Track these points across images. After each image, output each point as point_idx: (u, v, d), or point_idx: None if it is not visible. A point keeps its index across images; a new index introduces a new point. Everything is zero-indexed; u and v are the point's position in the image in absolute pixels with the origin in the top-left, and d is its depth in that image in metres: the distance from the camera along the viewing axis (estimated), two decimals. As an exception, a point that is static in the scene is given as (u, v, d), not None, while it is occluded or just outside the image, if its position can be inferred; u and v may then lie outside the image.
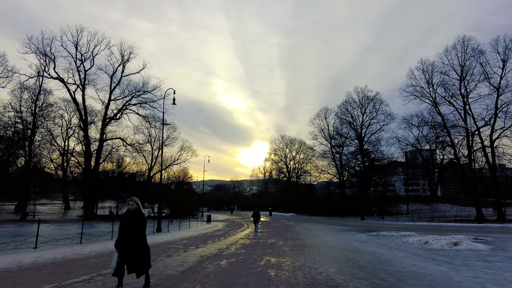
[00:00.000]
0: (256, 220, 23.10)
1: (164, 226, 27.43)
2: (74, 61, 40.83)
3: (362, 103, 64.12)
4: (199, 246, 13.51)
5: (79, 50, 40.55)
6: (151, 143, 63.11)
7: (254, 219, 23.20)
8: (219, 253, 10.98)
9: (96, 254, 10.43)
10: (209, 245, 14.14)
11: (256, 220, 23.09)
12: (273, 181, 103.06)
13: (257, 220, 23.17)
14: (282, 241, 15.99)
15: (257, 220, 23.12)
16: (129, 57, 43.06)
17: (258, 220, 23.25)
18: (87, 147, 42.96)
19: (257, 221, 23.11)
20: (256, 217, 23.07)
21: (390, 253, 10.87)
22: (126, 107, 44.06)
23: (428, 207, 65.71)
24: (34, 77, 38.75)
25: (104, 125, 43.11)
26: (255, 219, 23.13)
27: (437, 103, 42.11)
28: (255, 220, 23.16)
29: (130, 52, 43.13)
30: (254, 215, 23.36)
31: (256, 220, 23.11)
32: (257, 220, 23.11)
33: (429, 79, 42.25)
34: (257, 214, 23.19)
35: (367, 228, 26.96)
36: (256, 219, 23.08)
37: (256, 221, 23.10)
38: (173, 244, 14.39)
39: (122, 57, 42.76)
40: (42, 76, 40.48)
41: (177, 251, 11.61)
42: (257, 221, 23.18)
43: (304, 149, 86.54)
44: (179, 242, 15.38)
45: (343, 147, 68.52)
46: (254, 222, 23.22)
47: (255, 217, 23.18)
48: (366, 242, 15.07)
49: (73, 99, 41.19)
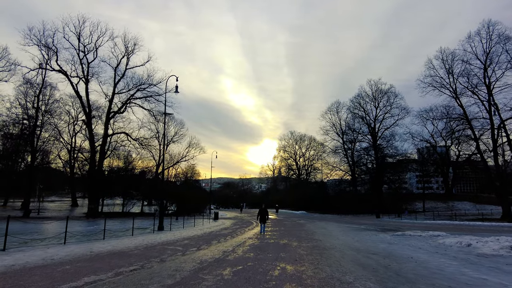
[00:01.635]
0: (263, 219, 18.96)
1: (169, 223, 25.83)
2: (77, 53, 39.40)
3: (375, 97, 61.44)
4: (201, 248, 11.68)
5: (82, 42, 39.06)
6: (159, 139, 62.04)
7: (261, 217, 18.99)
8: (223, 258, 9.11)
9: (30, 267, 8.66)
10: (213, 246, 12.30)
11: (263, 219, 18.97)
12: (282, 179, 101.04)
13: (264, 219, 19.03)
14: (296, 241, 14.06)
15: (264, 219, 19.00)
16: (133, 48, 41.48)
17: (265, 219, 19.13)
18: (91, 142, 41.59)
19: (264, 220, 19.01)
20: (263, 216, 18.95)
21: (433, 258, 8.82)
22: (131, 100, 42.50)
23: (444, 205, 62.92)
24: (35, 69, 37.50)
25: (108, 119, 41.68)
26: (262, 218, 18.98)
27: (457, 94, 39.43)
28: (261, 219, 18.98)
29: (134, 43, 41.53)
30: (260, 213, 19.08)
31: (263, 219, 18.96)
32: (264, 219, 19.00)
33: (449, 68, 39.60)
34: (264, 211, 19.01)
35: (386, 227, 24.83)
36: (263, 217, 18.96)
37: (263, 220, 18.96)
38: (172, 244, 12.59)
39: (126, 48, 41.19)
40: (45, 69, 39.31)
41: (174, 255, 9.78)
42: (264, 220, 19.04)
43: (314, 146, 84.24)
44: (179, 242, 13.59)
45: (355, 142, 66.05)
46: (261, 221, 19.03)
47: (261, 215, 18.97)
48: (394, 243, 13.02)
49: (76, 92, 39.84)
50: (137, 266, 7.58)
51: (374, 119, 61.61)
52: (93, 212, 38.99)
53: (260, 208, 19.28)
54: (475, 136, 37.94)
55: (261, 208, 19.15)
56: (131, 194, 45.43)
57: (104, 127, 41.99)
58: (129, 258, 8.89)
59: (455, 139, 58.24)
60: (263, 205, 19.56)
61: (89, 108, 40.84)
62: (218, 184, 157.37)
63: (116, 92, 42.16)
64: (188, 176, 63.44)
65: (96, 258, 8.74)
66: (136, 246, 11.63)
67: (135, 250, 10.66)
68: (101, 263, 7.97)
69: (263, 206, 19.45)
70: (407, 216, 41.52)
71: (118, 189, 44.05)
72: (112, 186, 43.85)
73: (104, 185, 41.54)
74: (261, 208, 19.25)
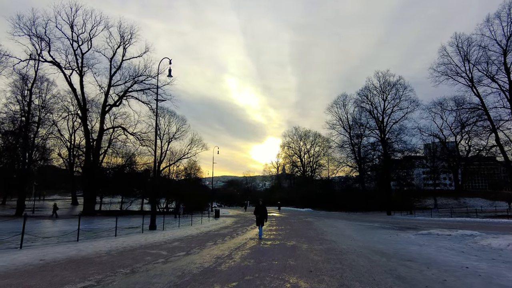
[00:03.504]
0: (260, 219, 14.20)
1: (167, 222, 23.82)
2: (71, 43, 37.46)
3: (383, 89, 58.64)
4: (190, 252, 9.54)
5: (75, 31, 37.12)
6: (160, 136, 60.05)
7: (257, 218, 14.31)
8: (214, 267, 6.95)
9: None
10: (206, 250, 10.15)
11: (261, 219, 14.19)
12: (286, 176, 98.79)
13: (262, 219, 14.21)
14: (306, 243, 11.86)
15: (261, 220, 14.21)
16: (130, 39, 39.47)
17: (263, 220, 14.28)
18: (87, 137, 39.69)
19: (261, 221, 14.21)
20: (261, 215, 14.18)
21: (498, 270, 6.57)
22: (128, 92, 40.48)
23: (455, 202, 60.20)
24: (26, 60, 35.51)
25: (104, 113, 39.74)
26: (259, 218, 14.24)
27: (474, 82, 36.91)
28: (258, 220, 14.29)
29: (131, 33, 39.52)
30: (257, 212, 14.40)
31: (260, 220, 14.21)
32: (261, 219, 14.19)
33: (465, 55, 37.04)
34: (262, 210, 14.24)
35: (402, 224, 22.51)
36: (260, 217, 14.19)
37: (260, 221, 14.21)
38: (157, 248, 10.46)
39: (122, 38, 39.18)
40: (37, 60, 37.40)
41: (152, 262, 7.65)
42: (262, 221, 14.23)
43: (319, 142, 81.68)
44: (167, 245, 11.46)
45: (362, 137, 63.44)
46: (258, 223, 14.37)
47: (259, 214, 14.25)
48: (424, 245, 10.77)
49: (70, 84, 37.92)
50: (91, 283, 5.45)
51: (382, 112, 58.92)
52: (88, 210, 37.18)
53: (257, 206, 14.69)
54: (493, 127, 35.44)
55: (258, 206, 14.56)
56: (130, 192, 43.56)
57: (100, 121, 40.09)
58: (90, 268, 6.76)
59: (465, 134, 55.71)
60: (260, 201, 14.90)
61: (84, 101, 38.89)
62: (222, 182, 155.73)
63: (112, 85, 40.22)
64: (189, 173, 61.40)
65: (41, 269, 6.61)
66: (110, 250, 9.50)
67: (106, 256, 8.52)
68: (41, 277, 5.84)
69: (261, 202, 14.84)
70: (420, 213, 39.09)
71: (117, 187, 42.17)
72: (110, 183, 42.03)
73: (100, 182, 39.67)
74: (257, 205, 14.66)
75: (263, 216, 14.22)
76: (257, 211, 14.43)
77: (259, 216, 14.30)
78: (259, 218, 14.29)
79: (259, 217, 14.28)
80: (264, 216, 14.23)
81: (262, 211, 14.27)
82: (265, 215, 14.26)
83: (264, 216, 14.24)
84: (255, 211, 14.59)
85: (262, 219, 14.24)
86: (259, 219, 14.29)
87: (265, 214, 14.29)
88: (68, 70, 37.41)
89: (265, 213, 14.31)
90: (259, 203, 14.80)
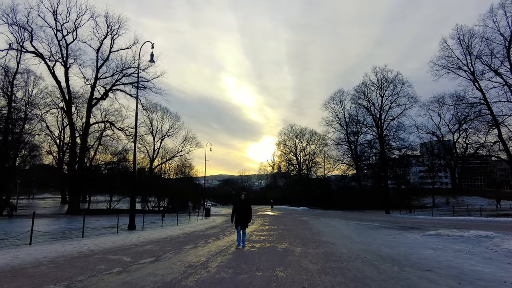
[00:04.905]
0: (242, 220, 10.07)
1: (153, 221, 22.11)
2: (54, 33, 35.34)
3: (380, 85, 57.32)
4: (160, 258, 7.87)
5: (59, 21, 35.07)
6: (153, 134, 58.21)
7: (237, 218, 10.10)
8: (177, 282, 5.28)
9: None
10: (181, 255, 8.49)
11: (243, 220, 10.08)
12: (282, 175, 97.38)
13: (245, 220, 10.13)
14: (300, 246, 10.24)
15: (244, 222, 10.10)
16: (118, 30, 37.43)
17: (246, 222, 10.18)
18: (72, 132, 37.67)
19: (244, 223, 10.11)
20: (243, 214, 10.08)
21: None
22: (115, 85, 38.56)
23: (453, 200, 59.06)
24: (5, 50, 33.43)
25: (90, 107, 37.76)
26: (240, 219, 10.06)
27: (476, 76, 35.54)
28: (238, 221, 10.09)
29: (119, 24, 37.48)
30: (237, 210, 10.18)
31: (242, 221, 10.07)
32: (244, 220, 10.09)
33: (466, 48, 35.65)
34: (245, 207, 10.20)
35: (403, 224, 20.99)
36: (242, 217, 10.05)
37: (242, 222, 10.08)
38: (122, 252, 8.78)
39: (110, 29, 37.04)
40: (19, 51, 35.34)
41: (103, 273, 5.96)
42: (245, 223, 10.16)
43: (315, 140, 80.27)
44: (137, 248, 9.79)
45: (359, 135, 62.05)
46: (237, 224, 10.15)
47: (239, 214, 10.09)
48: (437, 248, 9.19)
49: (53, 76, 35.76)
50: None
51: (380, 108, 57.59)
52: (73, 209, 35.27)
53: (237, 202, 10.34)
54: (496, 122, 34.08)
55: (239, 201, 10.22)
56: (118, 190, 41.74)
57: (86, 115, 38.10)
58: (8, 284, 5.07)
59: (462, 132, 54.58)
60: (242, 195, 10.43)
61: (69, 94, 36.82)
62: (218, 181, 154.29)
63: (99, 77, 38.17)
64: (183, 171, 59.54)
65: None
66: (59, 256, 7.80)
67: (46, 264, 6.80)
68: None
69: (243, 196, 10.37)
70: (420, 212, 37.71)
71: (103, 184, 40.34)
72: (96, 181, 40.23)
73: (85, 179, 37.81)
74: (238, 201, 10.28)
75: (246, 215, 9.98)
76: (238, 209, 10.06)
77: (240, 215, 9.92)
78: (240, 218, 9.91)
79: (240, 217, 9.91)
80: (247, 216, 10.01)
81: (245, 208, 10.06)
82: (249, 215, 10.07)
83: (248, 216, 10.04)
84: (235, 208, 10.20)
85: (245, 220, 9.96)
86: (240, 219, 9.91)
87: (249, 214, 10.12)
88: (52, 61, 35.44)
89: (250, 212, 10.14)
90: (241, 196, 10.28)
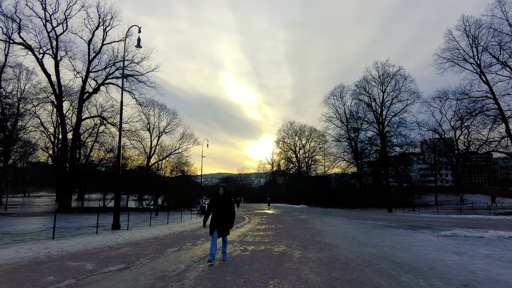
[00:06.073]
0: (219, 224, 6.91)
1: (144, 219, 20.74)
2: (44, 24, 33.87)
3: (382, 81, 55.79)
4: (131, 266, 6.50)
5: (48, 11, 33.55)
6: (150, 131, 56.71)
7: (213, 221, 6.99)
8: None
9: None
10: (158, 260, 7.12)
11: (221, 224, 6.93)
12: (281, 173, 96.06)
13: (224, 225, 6.98)
14: (299, 249, 8.87)
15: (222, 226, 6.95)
16: (111, 21, 35.90)
17: (226, 226, 7.05)
18: (63, 127, 36.30)
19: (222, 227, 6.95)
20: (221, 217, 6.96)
21: None
22: (107, 79, 37.12)
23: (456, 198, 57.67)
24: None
25: (81, 101, 36.33)
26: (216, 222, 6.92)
27: (482, 68, 34.12)
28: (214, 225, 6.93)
29: (112, 15, 35.97)
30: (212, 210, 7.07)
31: (218, 225, 6.91)
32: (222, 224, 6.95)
33: (473, 39, 34.21)
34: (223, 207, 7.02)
35: (410, 222, 19.62)
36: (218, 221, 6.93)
37: (218, 226, 6.90)
38: (89, 257, 7.39)
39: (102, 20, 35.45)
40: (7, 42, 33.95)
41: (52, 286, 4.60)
42: (224, 228, 6.98)
43: (315, 137, 78.84)
44: (112, 251, 8.42)
45: (360, 131, 60.52)
46: (212, 229, 6.93)
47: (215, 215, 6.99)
48: (463, 253, 7.83)
49: (43, 69, 34.30)
50: None
51: (381, 104, 56.08)
52: (64, 207, 33.92)
53: (212, 199, 7.30)
54: (503, 116, 32.65)
55: (215, 199, 7.16)
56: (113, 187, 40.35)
57: (78, 110, 36.63)
58: None
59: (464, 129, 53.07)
60: (220, 190, 7.20)
61: (59, 88, 35.34)
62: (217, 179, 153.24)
63: (90, 70, 36.76)
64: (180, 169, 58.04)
65: None
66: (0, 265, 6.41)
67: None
68: None
69: (221, 191, 7.17)
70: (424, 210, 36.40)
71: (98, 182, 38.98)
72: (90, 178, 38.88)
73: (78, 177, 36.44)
74: (215, 197, 7.21)
75: (225, 217, 6.95)
76: (214, 207, 6.99)
77: (216, 217, 6.91)
78: (217, 221, 6.87)
79: (217, 219, 6.89)
80: (227, 217, 6.99)
81: (223, 207, 6.96)
82: (229, 216, 7.03)
83: (228, 217, 7.01)
84: (209, 206, 7.19)
85: (223, 223, 6.90)
86: (217, 222, 6.87)
87: (230, 215, 7.06)
88: (41, 54, 33.96)
89: (231, 212, 7.07)
90: (218, 191, 7.16)
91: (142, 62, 37.93)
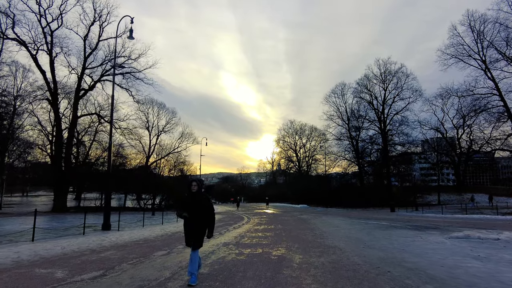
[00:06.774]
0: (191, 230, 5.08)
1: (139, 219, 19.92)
2: (38, 19, 33.07)
3: (383, 78, 54.92)
4: (108, 273, 5.70)
5: (42, 5, 32.74)
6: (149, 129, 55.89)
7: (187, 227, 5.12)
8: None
9: None
10: (142, 266, 6.32)
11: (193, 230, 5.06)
12: (282, 173, 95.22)
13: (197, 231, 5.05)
14: (300, 252, 8.07)
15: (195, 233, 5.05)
16: (107, 16, 35.08)
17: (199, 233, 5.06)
18: (58, 125, 35.51)
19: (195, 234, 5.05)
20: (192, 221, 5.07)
21: None
22: (104, 75, 36.35)
23: (459, 197, 56.90)
24: (-19, 36, 31.11)
25: (77, 98, 35.57)
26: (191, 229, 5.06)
27: (487, 64, 33.30)
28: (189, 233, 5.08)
29: (108, 10, 35.14)
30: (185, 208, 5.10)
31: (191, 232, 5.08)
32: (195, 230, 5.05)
33: (478, 34, 33.39)
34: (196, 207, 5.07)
35: (415, 223, 18.82)
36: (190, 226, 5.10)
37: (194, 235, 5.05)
38: (60, 264, 6.59)
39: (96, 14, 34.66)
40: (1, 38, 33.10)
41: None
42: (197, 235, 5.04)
43: (315, 136, 78.00)
44: (90, 256, 7.61)
45: (361, 130, 59.65)
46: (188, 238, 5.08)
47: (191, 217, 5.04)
48: (485, 258, 7.00)
49: (37, 66, 33.51)
50: None
51: (383, 102, 55.20)
52: (60, 207, 33.16)
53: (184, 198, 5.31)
54: (509, 113, 31.84)
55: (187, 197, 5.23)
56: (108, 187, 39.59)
57: (73, 107, 35.90)
58: None
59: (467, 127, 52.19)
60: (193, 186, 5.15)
61: (54, 85, 34.52)
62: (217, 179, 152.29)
63: (86, 67, 35.98)
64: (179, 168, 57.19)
65: None
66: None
67: None
68: None
69: (195, 187, 5.15)
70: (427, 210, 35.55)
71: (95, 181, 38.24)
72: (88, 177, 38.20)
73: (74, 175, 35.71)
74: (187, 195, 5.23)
75: (199, 221, 5.09)
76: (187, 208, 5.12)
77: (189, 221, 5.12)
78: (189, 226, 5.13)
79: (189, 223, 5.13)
80: (201, 221, 5.10)
81: (196, 208, 5.10)
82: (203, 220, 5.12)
83: (202, 221, 5.11)
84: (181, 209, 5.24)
85: (196, 230, 5.08)
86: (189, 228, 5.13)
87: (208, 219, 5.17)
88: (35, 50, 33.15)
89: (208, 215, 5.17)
90: (191, 188, 5.17)
91: (139, 58, 37.21)
